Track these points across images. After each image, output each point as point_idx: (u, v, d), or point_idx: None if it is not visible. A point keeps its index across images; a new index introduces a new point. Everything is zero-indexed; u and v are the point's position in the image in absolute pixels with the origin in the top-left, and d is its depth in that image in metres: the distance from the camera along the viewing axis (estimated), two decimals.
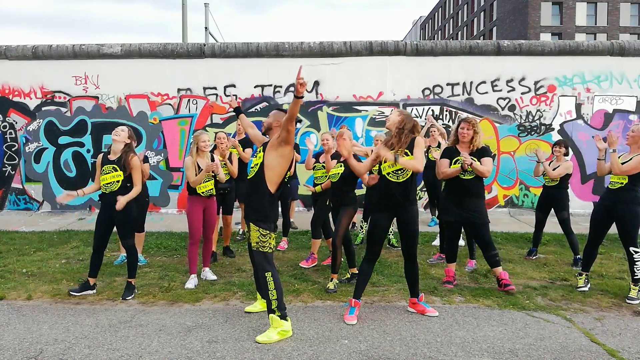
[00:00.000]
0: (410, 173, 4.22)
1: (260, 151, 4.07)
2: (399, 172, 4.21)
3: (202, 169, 5.30)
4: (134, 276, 5.01)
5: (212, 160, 5.52)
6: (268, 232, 3.96)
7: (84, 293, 4.95)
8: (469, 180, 5.02)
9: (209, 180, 5.47)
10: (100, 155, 5.00)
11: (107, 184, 4.88)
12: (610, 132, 4.93)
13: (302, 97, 3.82)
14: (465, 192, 5.05)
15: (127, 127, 5.05)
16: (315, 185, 6.22)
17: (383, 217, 4.33)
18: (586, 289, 5.07)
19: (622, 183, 4.83)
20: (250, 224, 3.98)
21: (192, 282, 5.24)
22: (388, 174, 4.25)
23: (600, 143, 4.95)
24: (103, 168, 4.90)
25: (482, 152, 5.01)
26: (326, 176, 5.89)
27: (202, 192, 5.39)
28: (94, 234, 5.02)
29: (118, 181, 4.88)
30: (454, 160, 5.07)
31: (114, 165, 4.88)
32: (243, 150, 6.79)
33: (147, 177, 6.14)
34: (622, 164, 4.78)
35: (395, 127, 4.28)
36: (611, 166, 4.80)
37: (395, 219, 4.37)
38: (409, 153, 4.20)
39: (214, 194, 5.56)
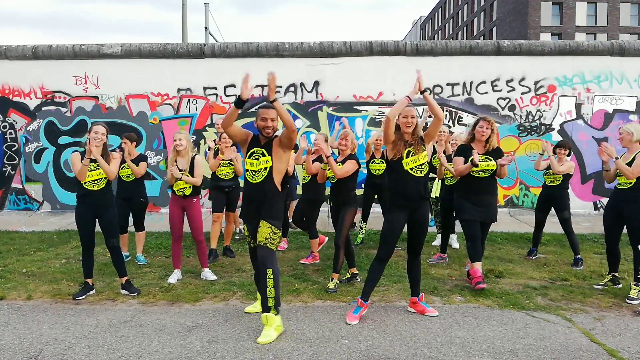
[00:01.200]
0: (428, 168, 4.33)
1: (264, 154, 3.99)
2: (422, 166, 4.24)
3: (180, 168, 5.23)
4: (126, 274, 5.05)
5: (193, 160, 5.35)
6: (279, 230, 4.02)
7: (87, 295, 4.93)
8: (485, 179, 5.04)
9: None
10: (77, 154, 4.84)
11: (94, 180, 4.80)
12: (604, 144, 5.00)
13: (276, 99, 3.95)
14: (481, 190, 5.08)
15: (102, 124, 4.92)
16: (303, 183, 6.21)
17: (400, 216, 4.29)
18: (600, 287, 5.16)
19: (630, 183, 4.88)
20: (263, 221, 3.95)
21: (174, 277, 5.34)
22: (412, 169, 4.23)
23: (604, 155, 4.98)
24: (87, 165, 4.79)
25: (498, 153, 5.05)
26: (307, 176, 5.97)
27: (176, 191, 5.31)
28: (80, 234, 4.94)
29: (105, 178, 4.86)
30: (469, 160, 5.01)
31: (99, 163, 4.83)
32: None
33: (139, 176, 6.05)
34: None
35: (415, 128, 4.33)
36: (622, 173, 4.83)
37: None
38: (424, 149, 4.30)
39: (188, 194, 5.33)
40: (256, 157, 4.02)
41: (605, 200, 9.77)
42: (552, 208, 6.30)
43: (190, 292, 5.01)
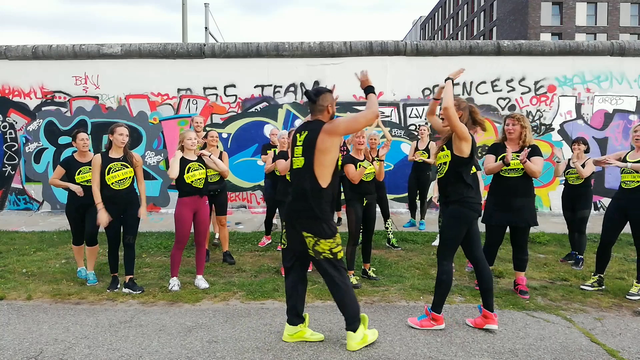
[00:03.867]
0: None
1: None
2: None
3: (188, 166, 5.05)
4: (132, 272, 5.11)
5: (200, 159, 5.21)
6: None
7: (116, 288, 5.06)
8: (515, 179, 4.75)
9: (197, 170, 5.05)
10: (99, 155, 4.91)
11: (120, 180, 4.92)
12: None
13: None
14: (511, 192, 4.76)
15: (123, 125, 5.03)
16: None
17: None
18: (589, 288, 5.06)
19: (638, 182, 4.84)
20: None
21: (176, 286, 5.10)
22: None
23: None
24: (110, 166, 4.88)
25: (532, 151, 4.73)
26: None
27: (192, 182, 4.99)
28: (108, 235, 5.01)
29: (130, 177, 5.00)
30: (499, 157, 4.84)
31: (123, 163, 4.94)
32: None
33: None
34: (637, 162, 4.83)
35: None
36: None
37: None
38: (444, 148, 4.09)
39: (202, 187, 5.08)
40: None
41: (604, 200, 9.78)
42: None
43: (190, 292, 5.00)
